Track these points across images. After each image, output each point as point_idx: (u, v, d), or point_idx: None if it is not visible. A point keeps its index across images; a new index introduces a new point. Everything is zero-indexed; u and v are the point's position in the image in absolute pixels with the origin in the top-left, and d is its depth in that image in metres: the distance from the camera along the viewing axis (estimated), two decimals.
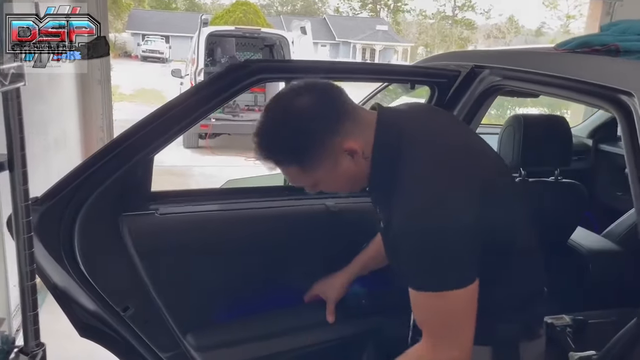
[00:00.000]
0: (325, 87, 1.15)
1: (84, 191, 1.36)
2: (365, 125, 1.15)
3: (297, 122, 1.11)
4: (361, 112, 1.18)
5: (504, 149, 2.01)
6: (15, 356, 1.02)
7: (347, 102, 1.16)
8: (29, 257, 1.00)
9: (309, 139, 1.10)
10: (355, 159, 1.13)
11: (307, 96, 1.12)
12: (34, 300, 1.03)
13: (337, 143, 1.11)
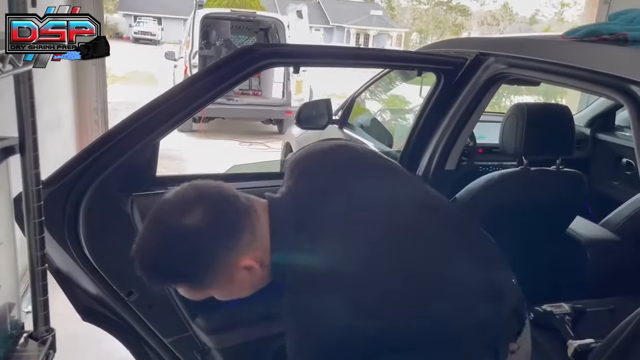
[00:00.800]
0: (217, 200, 1.01)
1: (88, 175, 1.35)
2: (260, 232, 1.03)
3: (185, 244, 0.97)
4: (255, 216, 1.04)
5: (507, 137, 2.01)
6: (24, 341, 1.01)
7: (241, 210, 1.02)
8: (39, 242, 0.99)
9: (199, 261, 0.98)
10: (253, 272, 1.03)
11: (196, 212, 0.97)
12: (44, 285, 1.02)
13: (231, 261, 1.00)
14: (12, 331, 0.98)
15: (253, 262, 1.01)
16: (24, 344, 1.01)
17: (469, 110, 2.03)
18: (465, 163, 2.65)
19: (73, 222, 1.37)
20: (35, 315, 1.03)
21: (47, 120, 3.85)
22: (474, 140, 2.81)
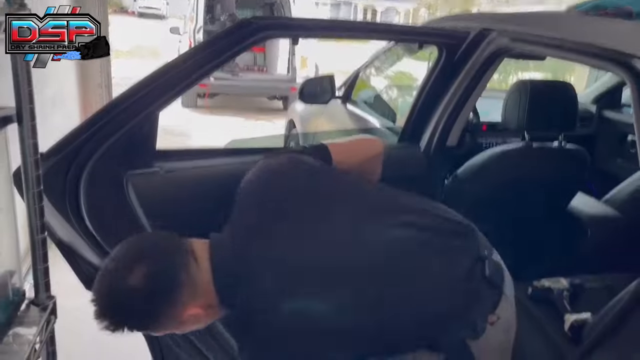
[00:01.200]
0: (156, 259, 1.05)
1: (90, 147, 1.36)
2: (202, 281, 1.07)
3: (131, 301, 1.02)
4: (195, 267, 1.07)
5: (509, 113, 2.00)
6: (26, 307, 1.03)
7: (181, 265, 1.05)
8: (39, 210, 1.00)
9: (147, 316, 1.05)
10: (201, 315, 1.09)
11: (137, 274, 1.01)
12: (44, 253, 1.04)
13: (176, 313, 1.05)
14: (14, 298, 1.00)
15: (198, 310, 1.07)
16: (26, 310, 1.03)
17: (471, 86, 2.02)
18: (468, 140, 2.64)
19: (74, 193, 1.37)
20: (36, 282, 1.05)
21: (51, 97, 3.85)
22: (477, 116, 2.80)
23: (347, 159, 1.40)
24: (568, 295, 1.88)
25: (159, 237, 1.13)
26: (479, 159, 2.08)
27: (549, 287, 1.89)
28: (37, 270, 1.04)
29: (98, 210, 1.41)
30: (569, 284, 1.91)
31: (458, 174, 2.13)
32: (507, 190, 2.02)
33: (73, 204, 1.39)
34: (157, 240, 1.12)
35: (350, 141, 1.52)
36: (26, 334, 0.96)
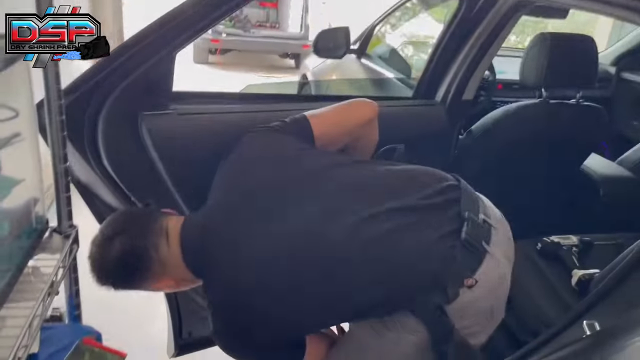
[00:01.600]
0: (133, 235, 1.15)
1: (107, 85, 1.35)
2: (174, 258, 1.16)
3: (115, 269, 1.14)
4: (166, 247, 1.16)
5: (528, 67, 1.96)
6: (49, 235, 1.05)
7: (152, 246, 1.14)
8: (61, 140, 1.01)
9: (130, 282, 1.17)
10: (176, 285, 1.23)
11: (115, 247, 1.12)
12: (67, 182, 1.05)
13: (150, 283, 1.18)
14: (37, 225, 1.02)
15: (170, 281, 1.20)
16: (49, 237, 1.05)
17: (490, 39, 1.99)
18: (483, 98, 2.61)
19: (92, 132, 1.38)
20: (59, 210, 1.07)
21: None
22: (493, 74, 2.76)
23: (332, 129, 1.37)
24: (577, 252, 1.89)
25: (139, 215, 1.24)
26: (494, 115, 2.07)
27: (558, 243, 1.91)
28: (60, 198, 1.06)
29: (116, 150, 1.42)
30: (579, 241, 1.92)
31: (472, 130, 2.12)
32: (522, 146, 2.01)
33: (91, 143, 1.39)
34: (137, 217, 1.21)
35: (336, 108, 1.42)
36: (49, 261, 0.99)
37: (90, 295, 1.25)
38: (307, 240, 1.11)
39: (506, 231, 1.25)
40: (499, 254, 1.16)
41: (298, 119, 1.35)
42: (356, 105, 1.42)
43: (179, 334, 1.81)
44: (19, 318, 0.82)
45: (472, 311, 1.10)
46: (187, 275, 1.19)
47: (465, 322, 1.10)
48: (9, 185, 0.89)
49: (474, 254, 1.10)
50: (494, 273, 1.13)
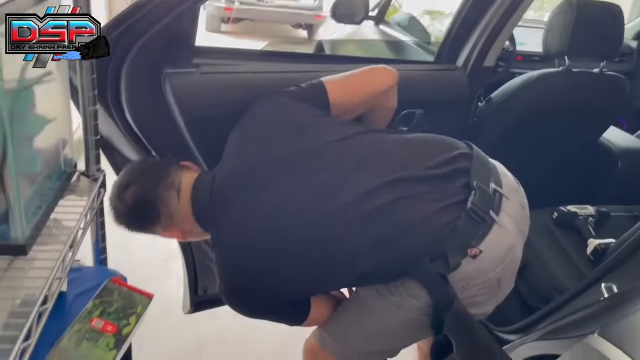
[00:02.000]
0: (144, 188, 1.20)
1: (130, 38, 1.34)
2: (184, 212, 1.21)
3: (129, 215, 1.21)
4: (175, 200, 1.21)
5: (551, 35, 1.94)
6: (77, 178, 1.07)
7: (161, 200, 1.19)
8: (90, 82, 1.01)
9: (136, 228, 1.24)
10: (183, 236, 1.31)
11: (128, 196, 1.19)
12: (95, 125, 1.06)
13: (159, 231, 1.26)
14: (66, 168, 1.03)
15: (178, 233, 1.27)
16: (77, 180, 1.06)
17: (512, 7, 1.95)
18: (501, 68, 2.58)
19: (115, 85, 1.38)
20: (87, 154, 1.08)
21: None
22: (514, 44, 2.72)
23: (349, 97, 1.34)
24: (593, 222, 1.89)
25: (154, 167, 1.27)
26: (515, 83, 2.05)
27: (574, 213, 1.91)
28: (88, 141, 1.06)
29: (139, 104, 1.42)
30: (595, 211, 1.92)
31: (492, 97, 2.10)
32: (542, 115, 1.99)
33: (114, 97, 1.39)
34: (152, 169, 1.25)
35: (355, 75, 1.37)
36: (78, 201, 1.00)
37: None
38: (312, 209, 1.12)
39: (521, 201, 1.23)
40: (509, 224, 1.14)
41: (315, 85, 1.33)
42: (376, 73, 1.38)
43: (195, 291, 1.84)
44: (52, 252, 0.84)
45: (477, 281, 1.10)
46: (195, 228, 1.25)
47: (469, 292, 1.10)
48: (42, 123, 0.90)
49: (480, 224, 1.09)
50: (502, 244, 1.12)
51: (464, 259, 1.07)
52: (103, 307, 0.94)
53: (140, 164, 1.31)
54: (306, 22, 8.22)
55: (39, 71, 0.85)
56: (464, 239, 1.08)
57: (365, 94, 1.35)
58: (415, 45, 2.81)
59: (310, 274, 1.16)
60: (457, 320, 1.09)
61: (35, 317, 0.73)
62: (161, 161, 1.33)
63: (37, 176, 0.89)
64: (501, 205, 1.14)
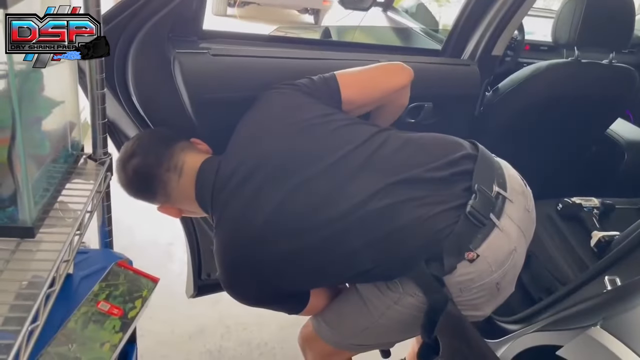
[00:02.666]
0: (148, 160, 1.22)
1: (137, 21, 1.33)
2: (185, 193, 1.24)
3: (132, 182, 1.24)
4: (175, 182, 1.23)
5: (561, 24, 1.92)
6: (84, 161, 1.07)
7: (163, 178, 1.22)
8: (98, 65, 1.01)
9: (136, 196, 1.27)
10: (179, 213, 1.33)
11: (130, 167, 1.21)
12: (102, 109, 1.06)
13: (157, 204, 1.29)
14: (73, 151, 1.03)
15: (173, 211, 1.30)
16: (84, 163, 1.07)
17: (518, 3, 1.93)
18: (509, 58, 2.57)
19: (122, 68, 1.37)
20: (95, 137, 1.08)
21: None
22: (522, 33, 2.70)
23: (362, 95, 1.31)
24: (598, 214, 1.89)
25: (160, 142, 1.27)
26: (523, 73, 2.03)
27: (579, 204, 1.91)
28: (96, 125, 1.06)
29: (145, 87, 1.41)
30: (600, 203, 1.92)
31: (500, 87, 2.09)
32: (550, 105, 1.98)
33: (121, 79, 1.39)
34: (157, 145, 1.26)
35: (369, 72, 1.33)
36: (85, 185, 1.00)
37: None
38: (313, 210, 1.11)
39: (526, 204, 1.21)
40: (511, 228, 1.12)
41: (327, 79, 1.30)
42: (391, 70, 1.34)
43: (199, 275, 1.85)
44: (59, 235, 0.84)
45: (475, 285, 1.09)
46: (196, 209, 1.26)
47: (467, 295, 1.09)
48: (50, 105, 0.90)
49: (479, 227, 1.07)
50: (502, 248, 1.10)
51: (461, 262, 1.06)
52: (109, 290, 0.94)
53: (150, 135, 1.32)
54: (313, 7, 8.16)
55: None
56: (462, 242, 1.06)
57: (379, 92, 1.33)
58: (423, 32, 2.79)
59: (307, 271, 1.17)
60: (448, 323, 1.08)
61: (43, 299, 0.73)
62: (170, 136, 1.31)
63: (45, 158, 0.90)
64: (504, 208, 1.12)
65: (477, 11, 1.96)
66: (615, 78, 1.99)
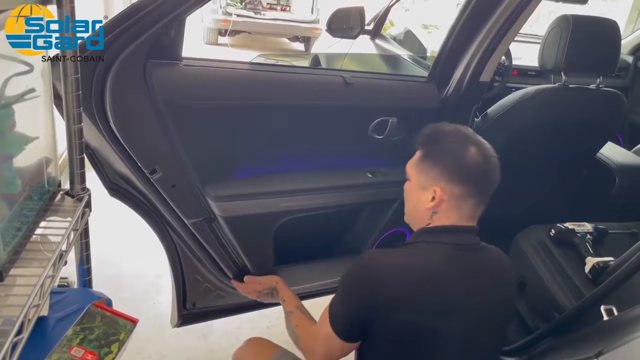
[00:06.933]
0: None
1: (115, 48, 1.31)
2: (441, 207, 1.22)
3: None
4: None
5: (547, 50, 1.92)
6: (61, 197, 1.03)
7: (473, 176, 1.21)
8: (75, 98, 0.98)
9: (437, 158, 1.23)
10: (433, 204, 1.21)
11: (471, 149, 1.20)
12: (80, 144, 1.03)
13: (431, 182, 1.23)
14: (49, 187, 0.99)
15: (431, 203, 1.20)
16: (61, 200, 1.03)
17: (509, 23, 1.94)
18: (498, 83, 2.57)
19: (100, 96, 1.34)
20: (72, 172, 1.04)
21: None
22: (510, 59, 2.71)
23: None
24: (591, 239, 1.86)
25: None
26: (512, 98, 2.03)
27: (572, 230, 1.88)
28: (73, 160, 1.03)
29: (123, 113, 1.38)
30: (593, 228, 1.89)
31: (488, 113, 2.09)
32: (539, 130, 1.97)
33: (99, 106, 1.36)
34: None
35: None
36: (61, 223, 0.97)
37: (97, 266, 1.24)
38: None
39: None
40: None
41: None
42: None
43: (183, 305, 1.81)
44: (31, 277, 0.80)
45: None
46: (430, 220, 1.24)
47: None
48: (22, 142, 0.87)
49: None
50: None
51: None
52: (84, 335, 0.90)
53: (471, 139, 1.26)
54: (303, 35, 8.24)
55: (20, 89, 0.82)
56: None
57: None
58: (411, 60, 2.80)
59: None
60: None
61: (9, 348, 0.69)
62: None
63: (17, 197, 0.86)
64: None
65: (463, 38, 1.97)
66: (603, 102, 1.99)
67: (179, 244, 1.68)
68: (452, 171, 1.19)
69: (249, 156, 1.65)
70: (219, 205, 1.59)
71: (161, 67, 1.39)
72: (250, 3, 7.90)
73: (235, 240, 1.71)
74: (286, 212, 1.73)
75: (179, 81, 1.43)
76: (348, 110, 1.74)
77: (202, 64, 1.51)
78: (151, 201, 1.55)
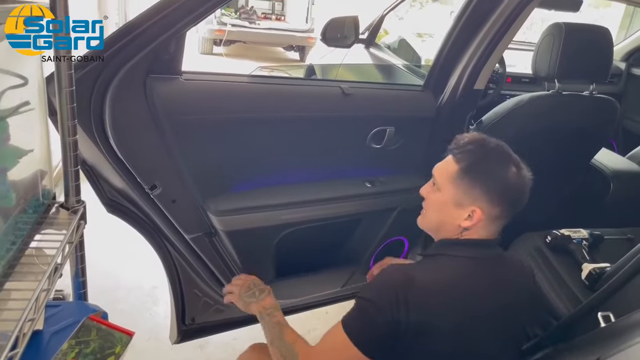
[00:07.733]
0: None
1: (115, 63, 1.31)
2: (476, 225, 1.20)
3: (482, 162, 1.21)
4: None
5: (540, 58, 1.93)
6: (56, 210, 1.03)
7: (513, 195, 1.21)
8: (70, 111, 0.98)
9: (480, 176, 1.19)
10: (467, 222, 1.18)
11: (510, 167, 1.20)
12: (75, 156, 1.02)
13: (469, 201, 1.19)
14: (44, 200, 0.99)
15: (467, 222, 1.17)
16: (56, 212, 1.02)
17: (502, 31, 1.95)
18: (492, 91, 2.59)
19: (99, 112, 1.35)
20: (67, 185, 1.04)
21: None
22: (503, 66, 2.73)
23: None
24: (587, 246, 1.87)
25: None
26: (506, 106, 2.04)
27: (568, 236, 1.88)
28: (68, 172, 1.03)
29: (123, 128, 1.39)
30: (589, 235, 1.90)
31: (483, 120, 2.09)
32: (533, 138, 1.98)
33: (98, 122, 1.36)
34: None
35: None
36: (56, 236, 0.96)
37: (93, 277, 1.23)
38: None
39: None
40: None
41: None
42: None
43: (182, 321, 1.79)
44: (25, 291, 0.79)
45: None
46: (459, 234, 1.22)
47: None
48: (17, 155, 0.86)
49: None
50: None
51: None
52: (79, 348, 0.89)
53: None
54: (298, 44, 8.27)
55: (14, 102, 0.82)
56: None
57: None
58: (406, 68, 2.81)
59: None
60: None
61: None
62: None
63: (11, 210, 0.86)
64: None
65: (458, 46, 1.98)
66: (596, 109, 2.00)
67: (177, 259, 1.67)
68: (494, 193, 1.16)
69: (249, 169, 1.65)
70: (220, 220, 1.59)
71: (161, 82, 1.40)
72: (245, 13, 7.93)
73: (236, 254, 1.70)
74: (288, 225, 1.73)
75: (180, 96, 1.43)
76: (347, 121, 1.75)
77: (202, 78, 1.51)
78: (150, 217, 1.53)
